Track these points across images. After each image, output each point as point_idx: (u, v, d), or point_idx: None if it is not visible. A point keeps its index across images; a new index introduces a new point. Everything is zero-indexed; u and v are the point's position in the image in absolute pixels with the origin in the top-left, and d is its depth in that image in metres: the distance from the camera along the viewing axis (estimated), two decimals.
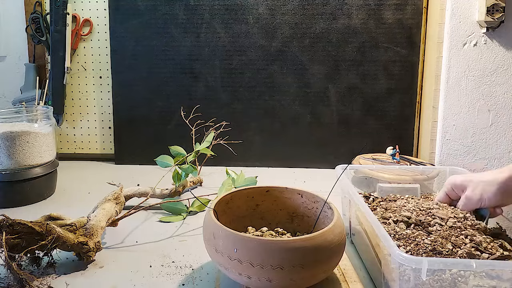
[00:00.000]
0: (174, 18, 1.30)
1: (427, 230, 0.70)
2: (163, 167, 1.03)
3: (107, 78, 1.39)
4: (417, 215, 0.78)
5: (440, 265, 0.53)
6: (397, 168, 0.98)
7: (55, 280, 0.69)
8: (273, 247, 0.58)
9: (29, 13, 1.35)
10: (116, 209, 0.85)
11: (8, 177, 1.00)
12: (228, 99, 1.33)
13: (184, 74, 1.33)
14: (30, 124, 1.05)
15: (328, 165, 1.28)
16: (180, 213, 0.96)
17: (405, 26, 1.26)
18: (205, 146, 1.09)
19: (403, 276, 0.56)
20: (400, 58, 1.28)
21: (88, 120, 1.42)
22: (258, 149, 1.33)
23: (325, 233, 0.61)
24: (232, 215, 0.74)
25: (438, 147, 1.20)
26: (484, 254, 0.64)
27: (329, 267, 0.63)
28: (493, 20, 1.08)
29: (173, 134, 1.34)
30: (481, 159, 1.18)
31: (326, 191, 0.72)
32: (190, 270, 0.73)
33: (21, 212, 0.98)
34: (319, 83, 1.31)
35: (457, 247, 0.65)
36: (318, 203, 0.75)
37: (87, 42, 1.38)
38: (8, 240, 0.64)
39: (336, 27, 1.28)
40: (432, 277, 0.54)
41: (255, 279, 0.58)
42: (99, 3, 1.36)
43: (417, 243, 0.66)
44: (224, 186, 0.99)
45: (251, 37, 1.30)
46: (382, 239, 0.59)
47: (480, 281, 0.54)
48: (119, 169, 1.34)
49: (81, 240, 0.72)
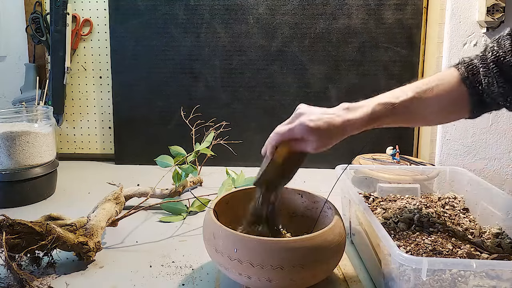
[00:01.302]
0: (174, 18, 1.30)
1: (428, 231, 0.71)
2: (163, 167, 1.03)
3: (107, 78, 1.39)
4: (417, 216, 0.78)
5: (440, 265, 0.53)
6: (397, 168, 0.98)
7: (55, 280, 0.69)
8: (273, 247, 0.58)
9: (29, 13, 1.35)
10: (116, 209, 0.85)
11: (8, 177, 1.00)
12: (228, 99, 1.33)
13: (184, 74, 1.33)
14: (30, 124, 1.05)
15: (328, 165, 1.28)
16: (180, 213, 0.96)
17: (405, 26, 1.26)
18: (205, 146, 1.09)
19: (403, 276, 0.56)
20: (400, 58, 1.28)
21: (88, 120, 1.42)
22: (258, 149, 1.32)
23: (325, 233, 0.60)
24: (232, 215, 0.74)
25: (438, 147, 1.20)
26: (484, 254, 0.64)
27: (329, 267, 0.63)
28: (493, 20, 1.08)
29: (173, 134, 1.34)
30: (481, 159, 1.18)
31: (326, 191, 0.72)
32: (190, 270, 0.73)
33: (21, 212, 0.98)
34: (319, 83, 1.31)
35: (457, 247, 0.65)
36: (318, 203, 0.75)
37: (87, 42, 1.38)
38: (8, 240, 0.64)
39: (336, 27, 1.28)
40: (432, 277, 0.54)
41: (255, 279, 0.58)
42: (99, 3, 1.36)
43: (417, 243, 0.66)
44: (224, 186, 0.99)
45: (251, 37, 1.30)
46: (382, 239, 0.59)
47: (480, 281, 0.54)
48: (119, 169, 1.34)
49: (81, 240, 0.72)
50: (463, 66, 0.61)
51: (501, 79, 0.58)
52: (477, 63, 0.60)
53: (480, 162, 1.18)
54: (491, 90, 0.59)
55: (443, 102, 0.61)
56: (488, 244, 0.67)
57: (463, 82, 0.61)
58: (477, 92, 0.60)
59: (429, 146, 1.23)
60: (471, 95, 0.60)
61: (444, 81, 0.61)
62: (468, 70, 0.60)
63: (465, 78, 0.60)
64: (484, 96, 0.60)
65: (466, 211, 0.81)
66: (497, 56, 0.58)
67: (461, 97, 0.61)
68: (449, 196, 0.86)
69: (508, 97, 0.58)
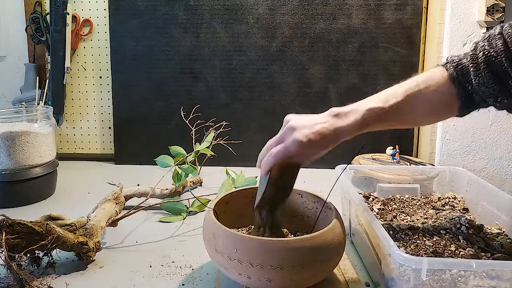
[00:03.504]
0: (174, 18, 1.30)
1: (429, 233, 0.70)
2: (163, 167, 1.03)
3: (107, 78, 1.39)
4: (417, 216, 0.78)
5: (440, 265, 0.53)
6: (397, 168, 0.98)
7: (55, 280, 0.69)
8: (273, 247, 0.58)
9: (29, 13, 1.35)
10: (116, 209, 0.85)
11: (8, 177, 1.00)
12: (228, 99, 1.33)
13: (184, 74, 1.33)
14: (30, 124, 1.05)
15: (328, 165, 1.27)
16: (180, 213, 0.96)
17: (405, 26, 1.26)
18: (205, 146, 1.09)
19: (403, 276, 0.56)
20: (400, 58, 1.28)
21: (88, 120, 1.42)
22: (258, 149, 1.32)
23: (325, 233, 0.60)
24: (232, 215, 0.74)
25: (438, 147, 1.20)
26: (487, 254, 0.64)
27: (329, 267, 0.63)
28: (493, 20, 1.08)
29: (173, 134, 1.34)
30: (481, 159, 1.18)
31: (326, 191, 0.72)
32: (190, 270, 0.73)
33: (21, 212, 0.98)
34: (319, 83, 1.30)
35: (460, 248, 0.65)
36: (318, 203, 0.75)
37: (87, 42, 1.38)
38: (8, 240, 0.64)
39: (336, 27, 1.28)
40: (432, 277, 0.54)
41: (255, 279, 0.58)
42: (99, 3, 1.36)
43: (417, 244, 0.66)
44: (224, 186, 0.99)
45: (251, 37, 1.30)
46: (382, 239, 0.59)
47: (480, 281, 0.54)
48: (119, 169, 1.34)
49: (81, 240, 0.72)
50: (452, 66, 0.61)
51: (492, 80, 0.57)
52: (466, 62, 0.59)
53: (480, 162, 1.18)
54: (481, 90, 0.58)
55: (433, 103, 0.61)
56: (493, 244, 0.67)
57: (452, 82, 0.60)
58: (466, 92, 0.60)
59: (429, 146, 1.23)
60: (460, 95, 0.60)
61: (433, 82, 0.61)
62: (457, 70, 0.60)
63: (454, 78, 0.60)
64: (473, 95, 0.60)
65: (466, 211, 0.81)
66: (488, 56, 0.57)
67: (450, 97, 0.61)
68: (449, 196, 0.86)
69: (499, 97, 0.58)
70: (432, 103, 0.61)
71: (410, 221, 0.75)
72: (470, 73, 0.59)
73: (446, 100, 0.61)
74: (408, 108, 0.61)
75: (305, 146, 0.60)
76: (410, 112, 0.61)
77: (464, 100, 0.60)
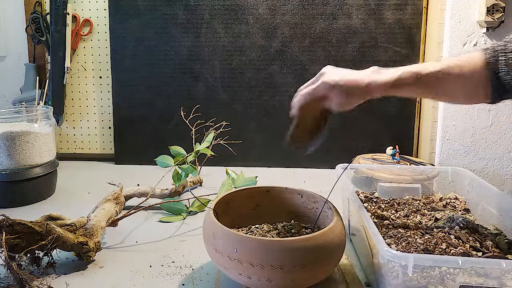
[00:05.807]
0: (174, 18, 1.30)
1: (423, 231, 0.71)
2: (163, 167, 1.03)
3: (107, 78, 1.39)
4: (415, 215, 0.78)
5: (426, 261, 0.55)
6: (397, 168, 0.98)
7: (55, 280, 0.69)
8: (273, 247, 0.58)
9: (29, 13, 1.35)
10: (116, 209, 0.85)
11: (8, 177, 1.00)
12: (228, 99, 1.33)
13: (184, 74, 1.33)
14: (30, 124, 1.05)
15: (328, 165, 1.28)
16: (180, 213, 0.96)
17: (405, 26, 1.26)
18: (205, 146, 1.09)
19: (392, 272, 0.57)
20: (400, 58, 1.28)
21: (88, 120, 1.42)
22: (258, 149, 1.33)
23: (325, 233, 0.61)
24: (232, 215, 0.74)
25: (438, 147, 1.20)
26: (478, 253, 0.64)
27: (329, 267, 0.63)
28: (493, 20, 1.08)
29: (173, 134, 1.34)
30: (481, 159, 1.18)
31: (326, 191, 0.72)
32: (190, 270, 0.73)
33: (21, 212, 0.98)
34: None
35: (451, 247, 0.65)
36: (318, 203, 0.75)
37: (87, 42, 1.38)
38: (8, 240, 0.64)
39: (336, 27, 1.28)
40: (421, 274, 0.55)
41: (255, 279, 0.58)
42: (99, 3, 1.36)
43: (408, 242, 0.66)
44: (224, 186, 0.99)
45: (251, 37, 1.30)
46: (372, 236, 0.60)
47: (468, 278, 0.54)
48: (119, 169, 1.34)
49: (81, 240, 0.72)
50: (489, 52, 0.63)
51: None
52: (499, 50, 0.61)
53: (480, 162, 1.18)
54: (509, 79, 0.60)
55: (466, 83, 0.63)
56: (487, 244, 0.67)
57: (486, 66, 0.62)
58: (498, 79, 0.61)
59: (429, 146, 1.23)
60: (492, 81, 0.62)
61: (471, 64, 0.63)
62: (492, 56, 0.62)
63: (488, 63, 0.62)
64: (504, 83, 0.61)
65: (467, 211, 0.81)
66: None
67: (483, 81, 0.62)
68: (451, 196, 0.86)
69: None
70: (465, 82, 0.63)
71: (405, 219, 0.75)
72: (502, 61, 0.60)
73: (479, 84, 0.63)
74: (443, 79, 0.63)
75: (332, 88, 0.63)
76: (444, 84, 0.63)
77: (496, 87, 0.62)
